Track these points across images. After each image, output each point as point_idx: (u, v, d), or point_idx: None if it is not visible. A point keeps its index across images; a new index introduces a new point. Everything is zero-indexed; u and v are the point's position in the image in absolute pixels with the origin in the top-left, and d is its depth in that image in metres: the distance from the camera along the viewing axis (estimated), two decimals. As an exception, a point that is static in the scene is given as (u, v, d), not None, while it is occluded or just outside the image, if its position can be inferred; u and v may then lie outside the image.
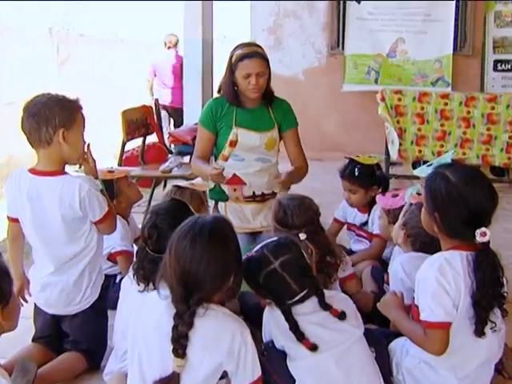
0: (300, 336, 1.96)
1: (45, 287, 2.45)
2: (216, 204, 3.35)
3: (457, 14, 6.82)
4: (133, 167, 4.38)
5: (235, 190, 3.26)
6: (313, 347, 1.95)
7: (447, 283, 1.93)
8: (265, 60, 3.13)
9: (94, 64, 8.60)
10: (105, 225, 2.44)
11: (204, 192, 3.10)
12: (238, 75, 3.11)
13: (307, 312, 2.00)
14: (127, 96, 8.15)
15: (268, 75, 3.19)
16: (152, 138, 5.31)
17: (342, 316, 2.01)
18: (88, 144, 2.43)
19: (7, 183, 2.45)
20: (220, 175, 2.93)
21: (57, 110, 2.28)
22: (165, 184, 5.15)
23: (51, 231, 2.39)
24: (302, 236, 2.18)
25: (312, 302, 2.01)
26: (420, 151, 5.36)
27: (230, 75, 3.16)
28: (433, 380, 2.06)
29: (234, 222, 3.09)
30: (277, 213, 2.63)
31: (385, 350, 2.19)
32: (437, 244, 2.09)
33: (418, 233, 2.42)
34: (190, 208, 2.36)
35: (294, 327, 1.96)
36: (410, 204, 2.55)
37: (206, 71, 6.65)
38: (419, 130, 5.32)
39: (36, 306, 2.52)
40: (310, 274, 2.06)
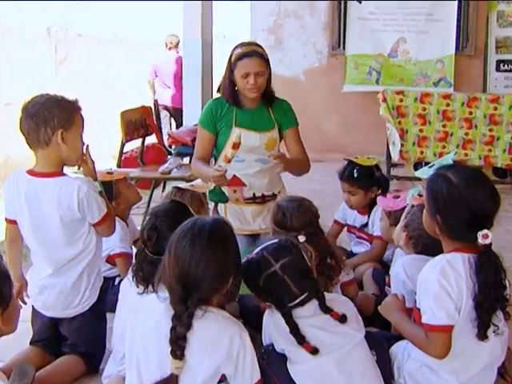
0: (300, 339, 1.96)
1: (43, 290, 2.45)
2: (216, 206, 3.35)
3: (459, 14, 6.83)
4: (132, 168, 4.39)
5: (235, 192, 3.26)
6: (313, 351, 1.95)
7: (449, 286, 1.93)
8: (264, 60, 3.13)
9: (93, 64, 8.61)
10: (103, 227, 2.44)
11: (204, 194, 3.10)
12: (237, 74, 3.11)
13: (308, 315, 2.00)
14: (126, 96, 8.16)
15: (268, 75, 3.19)
16: (151, 139, 5.32)
17: (343, 319, 2.01)
18: (87, 145, 2.43)
19: (5, 185, 2.45)
20: (222, 177, 2.93)
21: (55, 111, 2.28)
22: (164, 185, 5.15)
23: (49, 233, 2.39)
24: (301, 238, 2.18)
25: (312, 305, 2.02)
26: (422, 152, 5.37)
27: (230, 75, 3.16)
28: (435, 384, 2.07)
29: (234, 224, 3.11)
30: (275, 215, 2.64)
31: (386, 354, 2.19)
32: (439, 246, 2.09)
33: (420, 235, 2.42)
34: (190, 210, 2.37)
35: (295, 330, 1.96)
36: (412, 206, 2.55)
37: (206, 71, 6.65)
38: (421, 131, 5.33)
39: (34, 309, 2.52)
40: (311, 277, 2.06)
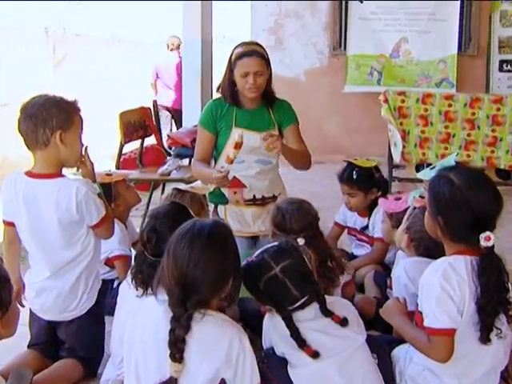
0: (301, 343, 1.96)
1: (40, 292, 2.45)
2: (216, 207, 3.35)
3: (461, 14, 6.82)
4: (131, 170, 4.38)
5: (235, 193, 3.26)
6: (314, 354, 1.95)
7: (451, 289, 1.93)
8: (264, 59, 3.13)
9: (91, 64, 8.62)
10: (102, 229, 2.44)
11: (204, 196, 3.11)
12: (237, 74, 3.12)
13: (308, 318, 2.00)
14: (125, 97, 8.16)
15: (269, 76, 3.19)
16: (150, 140, 5.32)
17: (344, 322, 2.01)
18: (85, 147, 2.44)
19: (3, 186, 2.45)
20: (225, 178, 2.93)
21: (54, 112, 2.28)
22: (163, 187, 5.14)
23: (47, 235, 2.39)
24: (301, 241, 2.17)
25: (313, 309, 2.02)
26: (424, 154, 5.35)
27: (230, 74, 3.17)
28: (437, 388, 2.06)
29: (234, 226, 3.12)
30: (275, 217, 2.63)
31: (387, 357, 2.19)
32: (441, 248, 2.09)
33: (422, 237, 2.42)
34: (190, 212, 2.37)
35: (295, 334, 1.96)
36: (414, 208, 2.55)
37: (206, 72, 6.65)
38: (423, 132, 5.32)
39: (31, 312, 2.51)
40: (312, 280, 2.05)
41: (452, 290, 1.93)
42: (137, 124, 4.68)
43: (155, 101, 6.35)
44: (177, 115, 7.69)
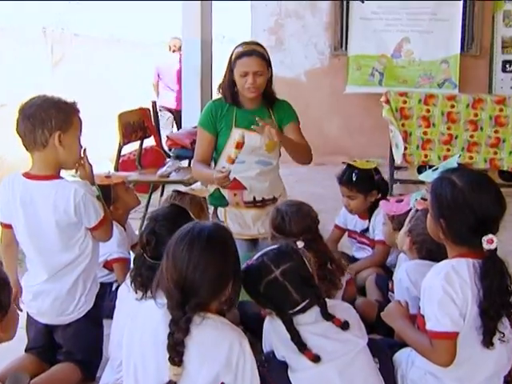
0: (302, 347, 1.96)
1: (37, 295, 2.45)
2: (215, 210, 3.36)
3: (464, 13, 6.81)
4: (130, 172, 4.38)
5: (235, 195, 3.26)
6: (315, 358, 1.95)
7: (454, 292, 1.93)
8: (264, 60, 3.14)
9: (89, 64, 8.63)
10: (100, 231, 2.44)
11: (204, 198, 3.11)
12: (236, 73, 3.12)
13: (309, 322, 2.00)
14: (124, 98, 8.17)
15: (269, 76, 3.20)
16: (149, 142, 5.32)
17: (345, 326, 2.01)
18: (84, 149, 2.44)
19: (0, 188, 2.45)
20: (226, 178, 2.93)
21: (53, 112, 2.28)
22: (162, 189, 5.15)
23: (45, 237, 2.39)
24: (300, 244, 2.17)
25: (314, 312, 2.02)
26: (426, 155, 5.36)
27: (230, 74, 3.17)
28: (439, 392, 2.06)
29: (234, 228, 3.13)
30: (274, 219, 2.63)
31: (389, 361, 2.19)
32: (443, 251, 2.09)
33: (424, 240, 2.42)
34: (190, 214, 2.37)
35: (296, 338, 1.96)
36: (416, 210, 2.55)
37: (205, 72, 6.66)
38: (425, 134, 5.32)
39: (28, 316, 2.51)
40: (312, 283, 2.05)
41: (454, 293, 1.93)
42: (136, 125, 4.69)
43: (154, 102, 6.36)
44: (179, 116, 7.72)
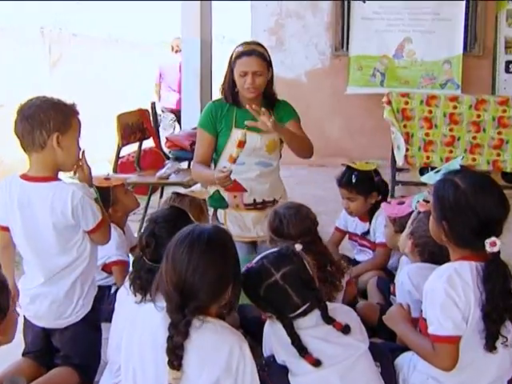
0: (302, 351, 1.96)
1: (34, 299, 2.44)
2: (215, 212, 3.36)
3: (467, 13, 6.82)
4: (128, 173, 4.38)
5: (235, 197, 3.26)
6: (316, 363, 1.94)
7: (456, 295, 1.93)
8: (264, 60, 3.14)
9: (88, 65, 8.64)
10: (98, 234, 2.44)
11: (204, 200, 3.11)
12: (236, 73, 3.13)
13: (310, 326, 2.00)
14: (122, 98, 8.18)
15: (270, 77, 3.20)
16: (148, 143, 5.33)
17: (346, 330, 2.01)
18: (83, 151, 2.44)
19: (-3, 189, 2.45)
20: (227, 178, 2.93)
21: (51, 114, 2.28)
22: (162, 191, 5.15)
23: (42, 240, 2.39)
24: (298, 247, 2.17)
25: (315, 316, 2.02)
26: (428, 157, 5.36)
27: (230, 74, 3.18)
28: (441, 397, 2.06)
29: (234, 231, 3.13)
30: (272, 222, 2.63)
31: (391, 365, 2.19)
32: (446, 254, 2.09)
33: (426, 242, 2.42)
34: (190, 216, 2.37)
35: (296, 342, 1.96)
36: (418, 212, 2.55)
37: (205, 73, 6.67)
38: (427, 135, 5.32)
39: (26, 319, 2.51)
40: (313, 287, 2.05)
41: (457, 297, 1.93)
42: (135, 126, 4.69)
43: (153, 103, 6.37)
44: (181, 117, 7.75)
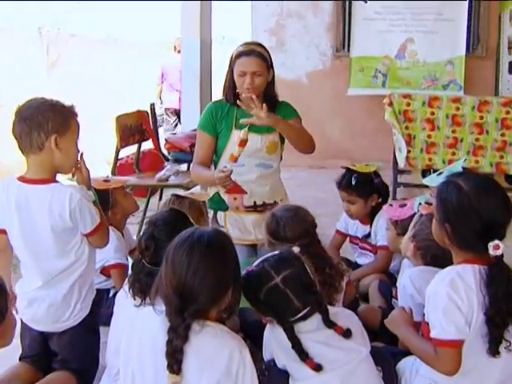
0: (303, 355, 1.95)
1: (32, 302, 2.44)
2: (215, 214, 3.35)
3: (470, 13, 6.82)
4: (127, 175, 4.38)
5: (235, 199, 3.26)
6: (317, 367, 1.94)
7: (459, 299, 1.93)
8: (264, 60, 3.14)
9: (86, 65, 8.63)
10: (96, 237, 2.44)
11: (204, 202, 3.11)
12: (235, 73, 3.14)
13: (310, 330, 2.00)
14: (121, 99, 8.18)
15: (271, 78, 3.20)
16: (147, 145, 5.33)
17: (348, 334, 2.01)
18: (81, 153, 2.44)
19: (-5, 192, 2.45)
20: (227, 178, 2.93)
21: (50, 115, 2.28)
22: (161, 193, 5.15)
23: (40, 243, 2.38)
24: (296, 249, 2.16)
25: (315, 320, 2.01)
26: (430, 159, 5.36)
27: (231, 74, 3.19)
28: (444, 402, 2.06)
29: (234, 234, 3.13)
30: (269, 225, 2.62)
31: (393, 370, 2.19)
32: (448, 257, 2.09)
33: (429, 245, 2.42)
34: (189, 218, 2.37)
35: (297, 346, 1.96)
36: (421, 215, 2.55)
37: (205, 73, 6.66)
38: (429, 137, 5.32)
39: (23, 323, 2.50)
40: (314, 290, 2.05)
41: (460, 300, 1.93)
42: (134, 128, 4.69)
43: (153, 104, 6.38)
44: (183, 117, 7.77)
